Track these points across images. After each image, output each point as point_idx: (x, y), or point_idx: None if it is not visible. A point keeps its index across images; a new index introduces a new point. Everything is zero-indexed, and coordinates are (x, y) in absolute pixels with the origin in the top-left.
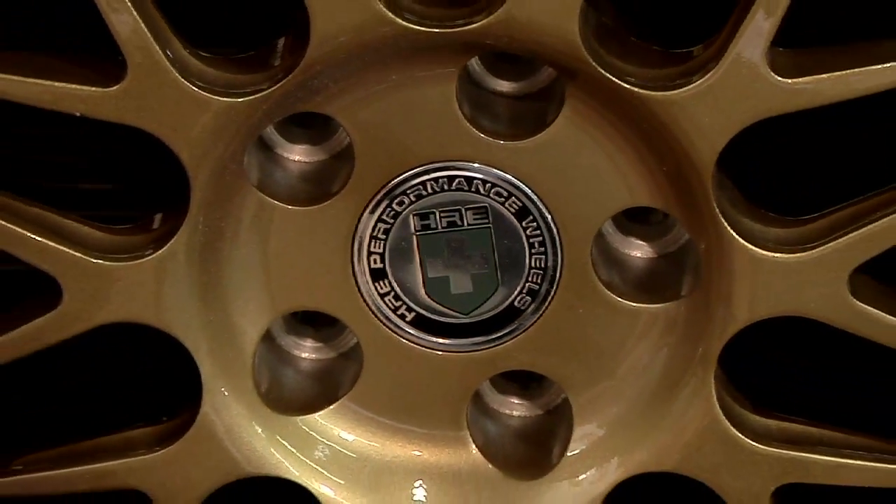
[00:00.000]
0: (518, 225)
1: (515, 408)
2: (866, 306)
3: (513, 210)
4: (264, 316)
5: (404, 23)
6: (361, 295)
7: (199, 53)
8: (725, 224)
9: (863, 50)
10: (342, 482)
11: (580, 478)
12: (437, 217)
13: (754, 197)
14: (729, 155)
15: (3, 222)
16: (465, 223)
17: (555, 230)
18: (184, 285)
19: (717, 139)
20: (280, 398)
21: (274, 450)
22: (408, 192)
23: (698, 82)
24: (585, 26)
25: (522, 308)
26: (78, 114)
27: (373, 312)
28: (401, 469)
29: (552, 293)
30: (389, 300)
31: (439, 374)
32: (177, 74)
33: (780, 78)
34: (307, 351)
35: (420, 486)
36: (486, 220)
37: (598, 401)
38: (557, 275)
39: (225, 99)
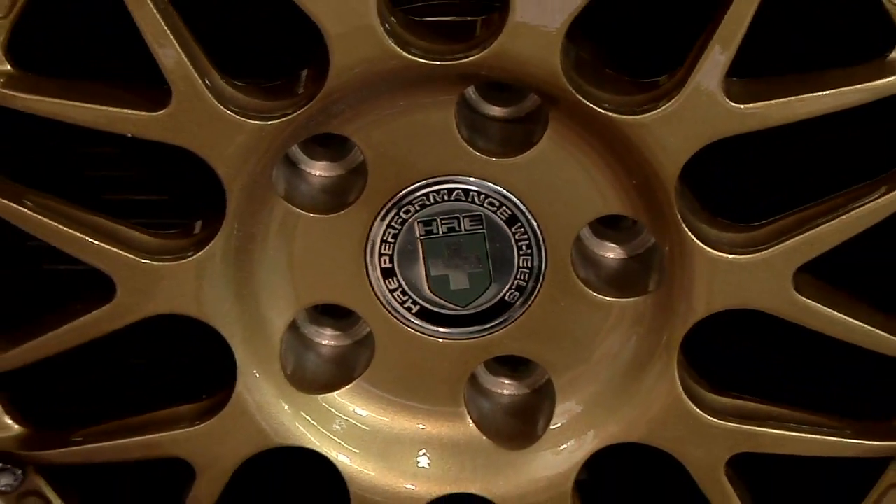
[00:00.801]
0: (508, 230)
1: (506, 387)
2: (808, 300)
3: (503, 217)
4: (290, 308)
5: (410, 56)
6: (373, 290)
7: (233, 82)
8: (686, 229)
9: (804, 80)
10: (357, 451)
11: (561, 448)
12: (439, 223)
13: (712, 205)
14: (690, 169)
15: (66, 228)
16: (463, 229)
17: (540, 235)
18: (221, 282)
19: (680, 156)
20: (303, 379)
21: (298, 424)
22: (413, 202)
23: (663, 107)
24: (566, 59)
25: (512, 302)
26: (129, 134)
27: (383, 305)
28: (407, 440)
29: (537, 289)
30: (397, 295)
31: (440, 359)
32: (214, 101)
33: (733, 104)
34: (327, 338)
35: (424, 454)
36: (481, 227)
37: (576, 381)
38: (542, 273)
39: (256, 122)
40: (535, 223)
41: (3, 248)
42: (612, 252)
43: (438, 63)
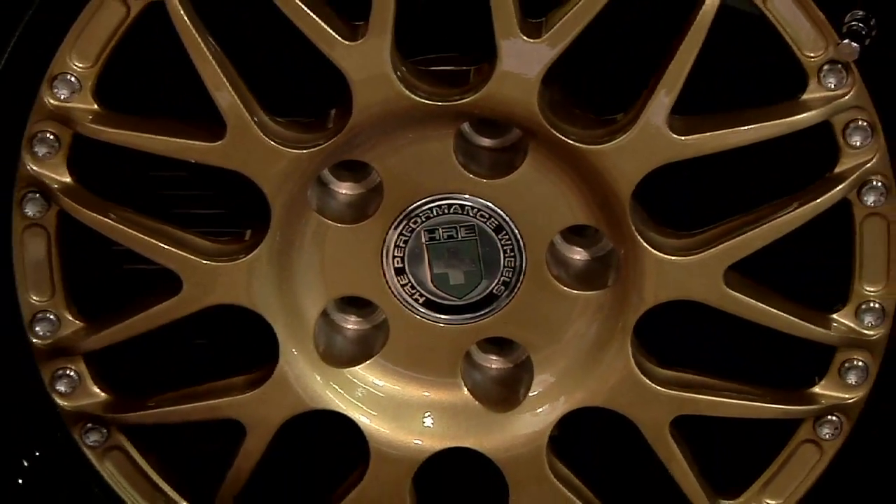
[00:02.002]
0: (496, 237)
1: (494, 362)
2: (735, 293)
3: (492, 227)
4: (321, 299)
5: (418, 98)
6: (388, 285)
7: (275, 119)
8: (638, 237)
9: (734, 116)
10: (375, 414)
11: (538, 411)
12: (440, 232)
13: (659, 216)
14: (642, 188)
15: (143, 236)
16: (459, 236)
17: (521, 241)
18: (266, 279)
19: (633, 179)
20: (332, 356)
21: (328, 391)
22: (420, 214)
23: (620, 139)
24: (542, 101)
25: (499, 294)
26: (193, 160)
27: (396, 297)
28: (415, 404)
29: (519, 284)
30: (407, 289)
31: (441, 340)
32: (261, 134)
33: (675, 136)
34: (351, 324)
35: (428, 416)
36: (474, 234)
37: (550, 358)
38: (523, 271)
39: (294, 151)
40: (517, 231)
41: (92, 252)
42: (578, 254)
43: (440, 104)
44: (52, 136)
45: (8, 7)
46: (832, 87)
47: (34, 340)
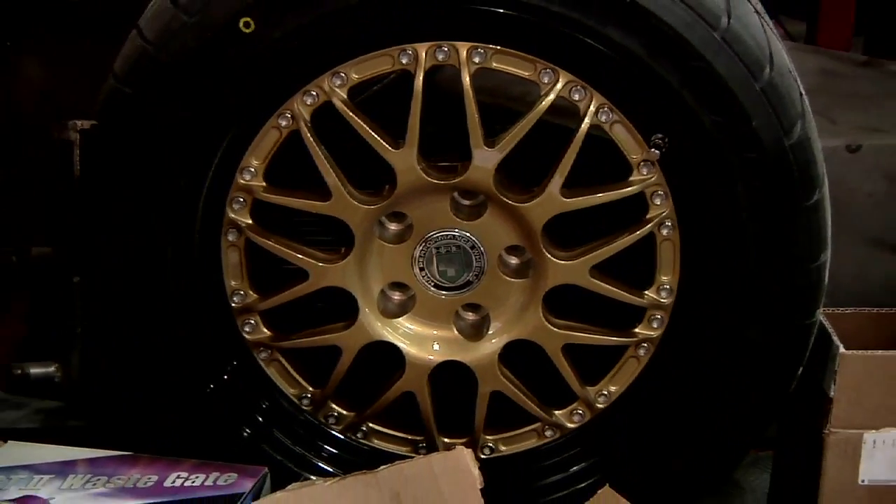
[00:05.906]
0: (471, 251)
1: (469, 316)
2: (596, 280)
3: (469, 246)
4: (381, 283)
5: (431, 179)
6: (415, 276)
7: (357, 189)
8: (545, 251)
9: (593, 188)
10: (408, 342)
11: (493, 341)
12: (443, 248)
13: (557, 239)
14: (547, 225)
15: (289, 251)
16: (453, 250)
17: (485, 253)
18: (353, 273)
19: (542, 220)
20: (386, 312)
21: (384, 331)
22: (431, 239)
23: (536, 200)
24: (495, 180)
25: (473, 281)
26: (314, 211)
27: (419, 282)
28: (429, 338)
29: (483, 276)
30: (426, 277)
31: (443, 304)
32: (349, 198)
33: (564, 199)
34: (396, 296)
35: (436, 344)
36: (461, 250)
37: (500, 314)
38: (484, 269)
39: (366, 206)
40: (482, 248)
41: (263, 259)
42: (514, 260)
43: (442, 182)
44: (242, 200)
45: (214, 136)
46: (645, 173)
47: (232, 305)
